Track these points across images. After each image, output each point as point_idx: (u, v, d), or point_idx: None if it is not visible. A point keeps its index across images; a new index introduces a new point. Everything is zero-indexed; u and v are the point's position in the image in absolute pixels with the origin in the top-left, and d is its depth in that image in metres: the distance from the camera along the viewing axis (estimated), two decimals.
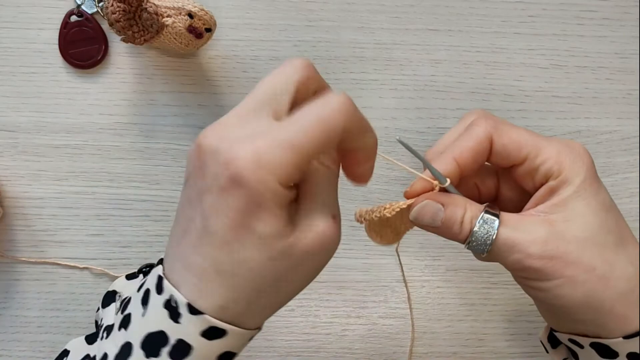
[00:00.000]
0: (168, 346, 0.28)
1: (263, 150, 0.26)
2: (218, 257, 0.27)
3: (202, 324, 0.28)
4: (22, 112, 0.48)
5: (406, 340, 0.49)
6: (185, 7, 0.43)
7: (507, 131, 0.31)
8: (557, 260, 0.29)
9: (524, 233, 0.30)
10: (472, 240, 0.31)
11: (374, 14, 0.50)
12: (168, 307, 0.28)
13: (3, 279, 0.48)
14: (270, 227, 0.27)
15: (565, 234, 0.29)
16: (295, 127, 0.26)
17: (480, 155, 0.32)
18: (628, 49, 0.50)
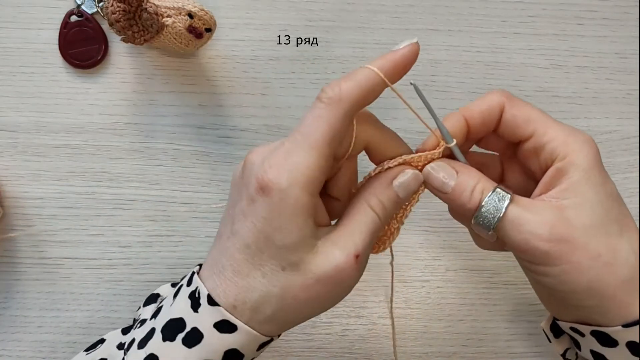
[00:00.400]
0: (183, 332, 0.30)
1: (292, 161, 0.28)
2: (237, 258, 0.29)
3: (216, 316, 0.30)
4: (22, 112, 0.48)
5: (406, 340, 0.49)
6: (185, 7, 0.43)
7: (519, 104, 0.32)
8: (565, 244, 0.29)
9: (534, 214, 0.30)
10: (481, 213, 0.30)
11: (374, 14, 0.50)
12: (192, 297, 0.31)
13: (3, 279, 0.48)
14: (289, 239, 0.28)
15: (574, 220, 0.29)
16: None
17: (490, 119, 0.32)
18: (628, 49, 0.50)
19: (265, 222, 0.28)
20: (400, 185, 0.31)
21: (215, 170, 0.49)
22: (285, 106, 0.49)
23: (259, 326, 0.30)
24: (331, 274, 0.29)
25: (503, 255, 0.50)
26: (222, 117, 0.49)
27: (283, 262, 0.29)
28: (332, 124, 0.28)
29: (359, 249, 0.30)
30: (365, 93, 0.29)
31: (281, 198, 0.28)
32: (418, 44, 0.31)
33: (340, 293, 0.31)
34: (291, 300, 0.29)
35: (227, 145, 0.49)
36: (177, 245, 0.49)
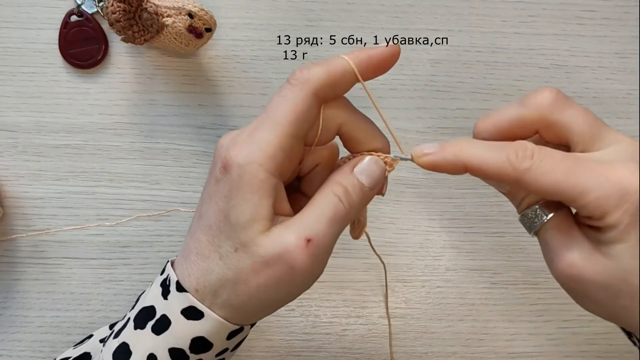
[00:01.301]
0: (153, 320, 0.30)
1: (253, 138, 0.28)
2: (201, 240, 0.30)
3: (184, 302, 0.30)
4: (22, 112, 0.48)
5: (406, 340, 0.49)
6: (185, 7, 0.43)
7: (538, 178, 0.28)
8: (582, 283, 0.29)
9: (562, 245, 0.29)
10: (521, 220, 0.31)
11: (374, 14, 0.50)
12: (163, 285, 0.31)
13: (3, 278, 0.48)
14: (242, 216, 0.28)
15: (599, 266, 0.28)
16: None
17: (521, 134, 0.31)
18: (628, 49, 0.50)
19: (225, 200, 0.28)
20: (361, 171, 0.30)
21: None
22: None
23: (221, 311, 0.30)
24: (279, 256, 0.28)
25: (503, 255, 0.50)
26: (222, 117, 0.49)
27: (236, 242, 0.28)
28: (295, 103, 0.28)
29: (312, 233, 0.28)
30: (333, 79, 0.29)
31: (239, 174, 0.28)
32: (399, 48, 0.30)
33: (295, 282, 0.29)
34: (243, 284, 0.29)
35: None
36: (177, 245, 0.49)
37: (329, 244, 0.29)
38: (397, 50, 0.30)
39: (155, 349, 0.30)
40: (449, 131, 0.49)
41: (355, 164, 0.31)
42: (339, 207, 0.29)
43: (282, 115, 0.28)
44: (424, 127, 0.50)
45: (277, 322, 0.49)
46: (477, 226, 0.50)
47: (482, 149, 0.28)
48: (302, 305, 0.49)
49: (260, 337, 0.49)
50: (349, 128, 0.31)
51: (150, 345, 0.30)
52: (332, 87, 0.29)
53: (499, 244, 0.50)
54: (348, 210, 0.29)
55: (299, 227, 0.28)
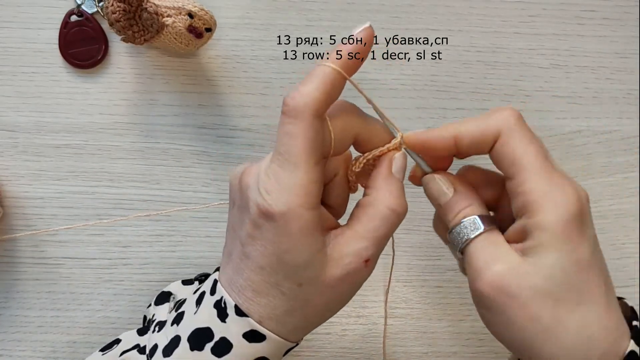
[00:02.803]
0: (212, 342, 0.30)
1: (283, 183, 0.28)
2: (255, 280, 0.30)
3: (245, 326, 0.30)
4: (22, 112, 0.48)
5: (406, 340, 0.49)
6: (185, 7, 0.43)
7: (514, 141, 0.30)
8: (507, 297, 0.28)
9: (493, 257, 0.29)
10: (451, 233, 0.32)
11: (374, 13, 0.50)
12: (217, 307, 0.31)
13: (3, 279, 0.48)
14: (300, 258, 0.29)
15: (526, 278, 0.28)
16: None
17: (480, 146, 0.31)
18: (628, 49, 0.50)
19: (275, 245, 0.29)
20: (398, 170, 0.32)
21: (215, 170, 0.49)
22: None
23: (286, 335, 0.31)
24: (344, 279, 0.30)
25: None
26: (222, 117, 0.49)
27: (299, 279, 0.29)
28: (304, 136, 0.28)
29: (369, 254, 0.30)
30: (327, 93, 0.29)
31: (285, 221, 0.28)
32: (371, 28, 0.29)
33: (354, 290, 0.31)
34: (312, 309, 0.30)
35: (227, 145, 0.49)
36: (177, 245, 0.49)
37: (381, 251, 0.31)
38: (370, 32, 0.29)
39: None
40: None
41: (390, 164, 0.32)
42: (395, 220, 0.31)
43: (298, 152, 0.28)
44: (424, 127, 0.49)
45: None
46: None
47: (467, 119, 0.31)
48: None
49: None
50: (364, 136, 0.32)
51: None
52: (328, 101, 0.29)
53: None
54: (401, 218, 0.31)
55: (357, 250, 0.30)
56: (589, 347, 0.28)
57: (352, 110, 0.31)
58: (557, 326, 0.28)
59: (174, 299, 0.41)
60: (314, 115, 0.28)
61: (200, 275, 0.46)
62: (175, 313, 0.33)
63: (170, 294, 0.41)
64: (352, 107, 0.31)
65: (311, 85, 0.28)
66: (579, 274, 0.28)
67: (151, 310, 0.40)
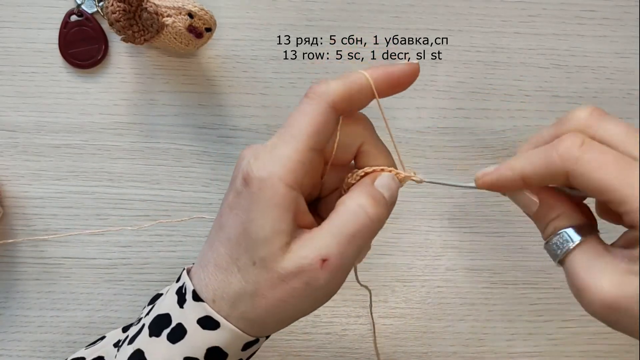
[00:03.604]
0: (169, 328, 0.30)
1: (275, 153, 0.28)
2: (220, 252, 0.30)
3: (200, 311, 0.30)
4: (22, 111, 0.48)
5: (406, 340, 0.49)
6: (185, 7, 0.43)
7: (586, 172, 0.26)
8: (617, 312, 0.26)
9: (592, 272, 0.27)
10: (546, 246, 0.29)
11: (374, 13, 0.50)
12: (179, 293, 0.31)
13: (3, 278, 0.48)
14: (262, 231, 0.28)
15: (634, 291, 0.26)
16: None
17: (552, 183, 0.29)
18: (628, 49, 0.50)
19: (245, 213, 0.28)
20: (382, 185, 0.30)
21: (215, 170, 0.49)
22: (285, 106, 0.49)
23: (238, 322, 0.30)
24: (295, 274, 0.28)
25: (503, 255, 0.50)
26: (222, 116, 0.49)
27: (254, 256, 0.28)
28: (314, 117, 0.28)
29: (329, 252, 0.28)
30: (351, 94, 0.29)
31: (260, 188, 0.28)
32: (418, 66, 0.30)
33: (312, 297, 0.29)
34: (261, 298, 0.29)
35: (227, 145, 0.49)
36: (177, 245, 0.49)
37: (347, 261, 0.29)
38: (416, 68, 0.30)
39: (171, 357, 0.30)
40: (449, 131, 0.49)
41: (374, 179, 0.31)
42: (364, 220, 0.28)
43: (301, 128, 0.28)
44: (424, 127, 0.50)
45: None
46: (477, 226, 0.50)
47: (532, 154, 0.28)
48: None
49: None
50: (368, 147, 0.31)
51: (166, 353, 0.30)
52: (349, 100, 0.29)
53: (499, 243, 0.50)
54: (372, 224, 0.29)
55: (317, 245, 0.28)
56: None
57: (365, 122, 0.32)
58: None
59: None
60: (331, 104, 0.29)
61: None
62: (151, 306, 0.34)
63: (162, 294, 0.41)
64: (365, 119, 0.32)
65: (340, 82, 0.29)
66: None
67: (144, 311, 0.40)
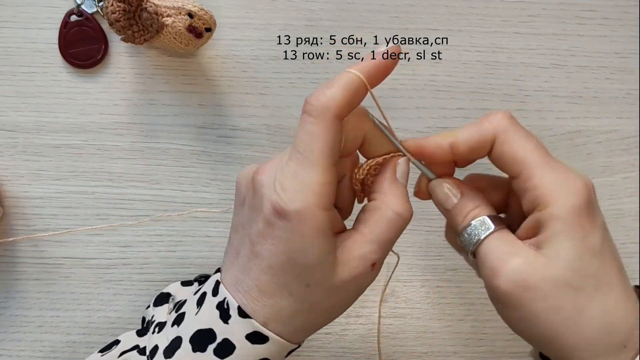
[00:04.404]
0: (214, 343, 0.30)
1: (301, 181, 0.28)
2: (262, 280, 0.30)
3: (248, 327, 0.30)
4: (22, 111, 0.48)
5: (406, 340, 0.49)
6: (185, 7, 0.43)
7: (511, 138, 0.30)
8: (526, 290, 0.28)
9: (508, 254, 0.30)
10: (462, 235, 0.32)
11: (374, 13, 0.50)
12: (220, 308, 0.31)
13: (3, 278, 0.48)
14: (311, 258, 0.29)
15: (542, 270, 0.28)
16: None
17: (478, 151, 0.31)
18: (628, 49, 0.50)
19: (287, 244, 0.29)
20: (402, 175, 0.32)
21: (215, 170, 0.49)
22: (285, 106, 0.49)
23: (290, 336, 0.31)
24: (351, 282, 0.30)
25: None
26: (222, 116, 0.49)
27: (307, 280, 0.29)
28: (325, 137, 0.28)
29: (375, 257, 0.30)
30: (349, 98, 0.29)
31: (299, 220, 0.28)
32: (399, 47, 0.31)
33: (359, 293, 0.32)
34: (317, 311, 0.31)
35: (227, 145, 0.49)
36: (177, 245, 0.49)
37: (387, 255, 0.31)
38: (397, 49, 0.31)
39: None
40: None
41: (394, 169, 0.32)
42: (402, 225, 0.31)
43: (317, 152, 0.28)
44: (424, 127, 0.50)
45: None
46: None
47: (464, 126, 0.31)
48: None
49: None
50: (372, 138, 0.32)
51: None
52: (350, 106, 0.30)
53: None
54: (406, 223, 0.32)
55: (362, 250, 0.30)
56: (610, 333, 0.28)
57: (363, 112, 0.32)
58: (579, 315, 0.28)
59: (172, 300, 0.41)
60: (336, 117, 0.29)
61: (200, 277, 0.46)
62: (176, 314, 0.33)
63: (170, 295, 0.41)
64: (363, 109, 0.32)
65: (335, 89, 0.29)
66: (594, 260, 0.29)
67: (150, 311, 0.40)
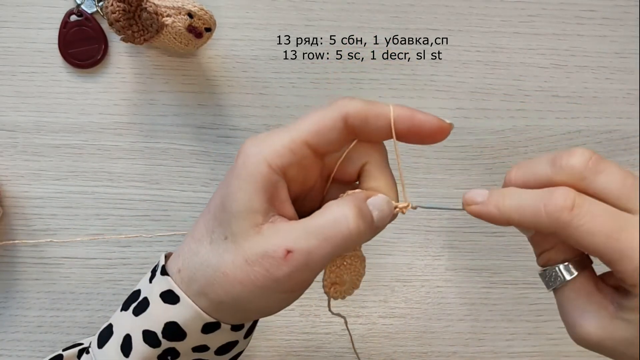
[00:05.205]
0: (136, 302, 0.31)
1: (269, 135, 0.29)
2: (199, 224, 0.30)
3: (164, 285, 0.30)
4: (22, 111, 0.48)
5: (406, 340, 0.49)
6: (185, 7, 0.43)
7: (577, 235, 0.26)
8: (601, 349, 0.29)
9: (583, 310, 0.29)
10: (541, 274, 0.31)
11: (374, 13, 0.50)
12: (152, 271, 0.32)
13: (3, 278, 0.48)
14: (235, 205, 0.28)
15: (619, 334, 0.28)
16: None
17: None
18: (628, 49, 0.50)
19: (224, 187, 0.29)
20: (374, 205, 0.29)
21: (215, 169, 0.49)
22: (285, 106, 0.49)
23: (197, 299, 0.29)
24: (258, 258, 0.27)
25: (503, 255, 0.50)
26: (222, 116, 0.49)
27: (227, 230, 0.28)
28: (320, 117, 0.29)
29: (296, 245, 0.27)
30: (366, 115, 0.29)
31: (243, 162, 0.28)
32: (449, 127, 0.29)
33: (271, 288, 0.28)
34: (221, 275, 0.28)
35: (227, 144, 0.49)
36: (177, 245, 0.49)
37: (312, 261, 0.27)
38: (447, 128, 0.29)
39: (132, 329, 0.31)
40: None
41: (369, 196, 0.29)
42: (343, 230, 0.27)
43: (304, 123, 0.29)
44: None
45: (277, 322, 0.49)
46: (477, 226, 0.50)
47: (522, 199, 0.28)
48: (302, 305, 0.49)
49: (260, 337, 0.49)
50: (372, 167, 0.30)
51: (128, 326, 0.31)
52: (363, 120, 0.29)
53: (499, 243, 0.50)
54: (350, 236, 0.27)
55: (287, 235, 0.27)
56: None
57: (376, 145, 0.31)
58: None
59: None
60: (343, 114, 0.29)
61: None
62: None
63: None
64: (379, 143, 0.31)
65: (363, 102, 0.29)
66: None
67: None
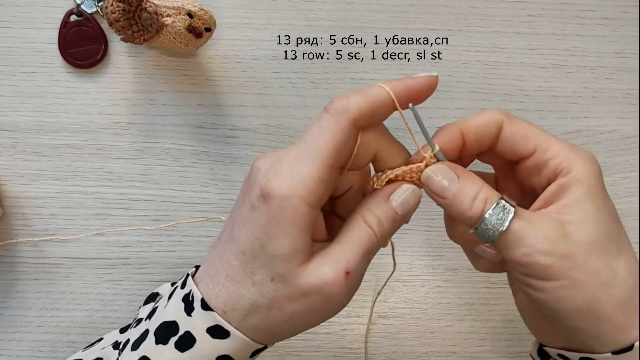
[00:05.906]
0: (176, 336, 0.30)
1: (295, 169, 0.28)
2: (232, 264, 0.29)
3: (209, 320, 0.30)
4: (22, 111, 0.48)
5: (406, 340, 0.49)
6: (184, 7, 0.43)
7: (517, 122, 0.31)
8: (566, 260, 0.28)
9: (536, 228, 0.29)
10: (484, 223, 0.29)
11: (374, 13, 0.50)
12: (185, 301, 0.31)
13: (3, 278, 0.48)
14: (281, 249, 0.28)
15: (575, 236, 0.28)
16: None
17: (486, 135, 0.31)
18: (627, 49, 0.50)
19: (262, 229, 0.28)
20: (399, 201, 0.30)
21: (215, 169, 0.49)
22: (284, 106, 0.49)
23: (249, 332, 0.30)
24: (318, 289, 0.28)
25: None
26: (222, 116, 0.49)
27: (272, 272, 0.28)
28: (335, 134, 0.28)
29: (349, 266, 0.29)
30: (372, 109, 0.29)
31: (281, 207, 0.27)
32: (437, 78, 0.30)
33: (328, 310, 0.30)
34: (277, 311, 0.29)
35: (227, 144, 0.49)
36: (176, 245, 0.49)
37: (362, 274, 0.30)
38: (434, 80, 0.30)
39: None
40: None
41: (392, 192, 0.31)
42: (372, 238, 0.30)
43: (322, 146, 0.28)
44: None
45: None
46: None
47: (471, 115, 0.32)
48: None
49: None
50: (383, 154, 0.31)
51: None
52: (370, 116, 0.29)
53: None
54: (380, 240, 0.30)
55: (337, 261, 0.29)
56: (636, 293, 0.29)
57: (378, 127, 0.31)
58: (614, 277, 0.28)
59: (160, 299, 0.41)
60: (352, 121, 0.28)
61: None
62: (151, 309, 0.33)
63: (159, 295, 0.41)
64: (380, 125, 0.31)
65: (360, 97, 0.29)
66: (613, 223, 0.30)
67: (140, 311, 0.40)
